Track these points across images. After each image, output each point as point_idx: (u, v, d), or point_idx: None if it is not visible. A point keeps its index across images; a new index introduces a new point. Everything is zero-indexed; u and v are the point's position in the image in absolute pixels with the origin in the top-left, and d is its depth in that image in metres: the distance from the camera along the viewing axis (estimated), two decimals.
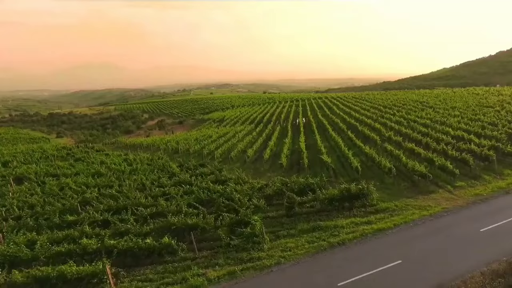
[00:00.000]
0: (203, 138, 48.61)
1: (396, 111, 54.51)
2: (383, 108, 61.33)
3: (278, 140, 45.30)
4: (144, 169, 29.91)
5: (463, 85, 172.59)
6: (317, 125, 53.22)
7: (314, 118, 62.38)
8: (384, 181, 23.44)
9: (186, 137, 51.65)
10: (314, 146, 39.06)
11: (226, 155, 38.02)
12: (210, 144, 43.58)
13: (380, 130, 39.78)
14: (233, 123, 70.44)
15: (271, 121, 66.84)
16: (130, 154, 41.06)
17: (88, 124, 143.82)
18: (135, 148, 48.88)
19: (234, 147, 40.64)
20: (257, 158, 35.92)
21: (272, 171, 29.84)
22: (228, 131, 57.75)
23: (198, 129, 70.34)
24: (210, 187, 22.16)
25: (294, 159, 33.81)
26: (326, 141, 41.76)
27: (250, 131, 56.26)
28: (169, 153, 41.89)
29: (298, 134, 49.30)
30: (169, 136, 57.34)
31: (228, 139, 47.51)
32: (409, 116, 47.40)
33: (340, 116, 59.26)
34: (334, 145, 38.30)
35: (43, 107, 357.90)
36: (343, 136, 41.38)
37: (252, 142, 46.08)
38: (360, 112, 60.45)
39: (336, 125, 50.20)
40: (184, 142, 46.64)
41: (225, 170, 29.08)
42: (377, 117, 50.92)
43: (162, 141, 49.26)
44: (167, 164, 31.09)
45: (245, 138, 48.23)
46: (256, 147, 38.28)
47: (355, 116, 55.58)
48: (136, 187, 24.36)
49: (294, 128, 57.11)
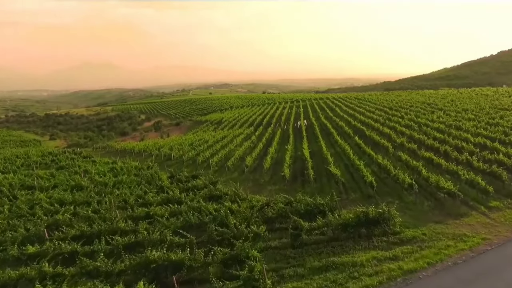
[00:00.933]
0: (198, 143, 45.41)
1: (404, 113, 51.35)
2: (389, 110, 58.19)
3: (279, 146, 42.13)
4: (130, 181, 26.68)
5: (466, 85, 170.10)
6: (320, 129, 50.06)
7: (316, 121, 59.23)
8: (403, 198, 20.25)
9: (181, 142, 48.43)
10: (319, 153, 35.91)
11: (223, 163, 34.82)
12: (205, 150, 40.40)
13: (390, 136, 36.60)
14: (231, 126, 67.24)
15: (271, 123, 63.70)
16: (118, 161, 37.85)
17: (84, 125, 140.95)
18: (126, 154, 45.70)
19: (232, 154, 37.45)
20: (256, 166, 32.73)
21: (273, 183, 26.65)
22: (225, 134, 54.56)
23: (194, 132, 67.15)
24: (202, 207, 18.95)
25: (298, 168, 30.62)
26: (332, 147, 38.60)
27: (249, 135, 53.08)
28: (161, 161, 38.68)
29: (301, 138, 46.14)
30: (163, 140, 54.14)
31: (225, 144, 44.32)
32: (419, 119, 44.24)
33: (344, 118, 56.10)
34: (341, 152, 35.13)
35: (41, 108, 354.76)
36: (349, 142, 38.21)
37: (251, 147, 42.90)
38: (365, 114, 57.29)
39: (341, 129, 47.02)
40: (178, 148, 43.44)
41: (220, 182, 25.89)
42: (384, 120, 47.77)
43: (155, 147, 46.05)
44: (156, 175, 27.87)
45: (243, 143, 45.03)
46: (255, 154, 35.10)
47: (360, 119, 52.42)
48: (117, 204, 21.13)
49: (296, 132, 53.96)
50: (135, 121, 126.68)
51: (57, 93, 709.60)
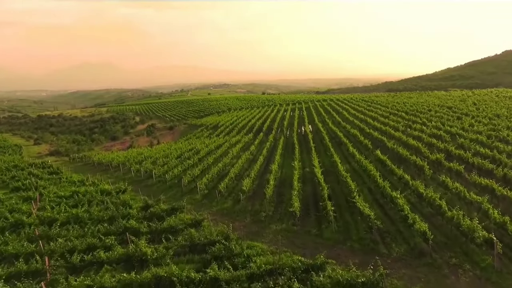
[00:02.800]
0: (188, 155, 38.75)
1: (426, 119, 44.70)
2: (405, 115, 51.57)
3: (283, 159, 35.52)
4: (88, 216, 20.05)
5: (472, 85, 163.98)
6: (329, 137, 43.46)
7: (323, 127, 52.60)
8: (476, 261, 13.64)
9: (169, 152, 41.76)
10: (333, 170, 29.33)
11: (214, 184, 28.22)
12: (195, 165, 33.83)
13: (419, 149, 29.94)
14: (228, 131, 60.61)
15: (272, 129, 57.10)
16: (89, 179, 31.23)
17: (77, 128, 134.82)
18: (103, 167, 39.08)
19: (226, 172, 30.92)
20: (256, 190, 26.09)
21: (278, 220, 19.98)
22: (221, 142, 47.94)
23: (187, 139, 60.49)
24: (173, 276, 12.36)
25: (309, 194, 24.00)
26: (346, 162, 31.99)
27: (248, 144, 46.48)
28: (140, 179, 32.02)
29: (308, 149, 39.52)
30: (149, 150, 47.44)
31: (219, 157, 37.71)
32: (448, 127, 37.62)
33: (356, 124, 49.47)
34: (360, 170, 28.52)
35: (38, 108, 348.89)
36: (369, 156, 31.63)
37: (249, 160, 36.28)
38: (378, 120, 50.67)
39: (355, 138, 40.37)
40: (163, 161, 36.82)
41: (208, 217, 19.28)
42: (404, 128, 41.18)
43: (137, 159, 39.39)
44: (124, 208, 21.18)
45: (240, 154, 38.45)
46: (254, 172, 28.47)
47: (375, 125, 45.79)
48: (53, 265, 14.50)
49: (301, 139, 47.34)
50: (128, 124, 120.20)
51: (55, 93, 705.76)
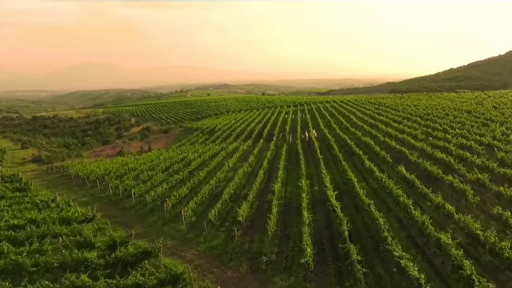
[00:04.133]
0: (178, 167, 33.74)
1: (447, 125, 39.69)
2: (420, 119, 46.60)
3: (286, 173, 30.60)
4: (27, 266, 15.04)
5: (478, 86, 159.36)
6: (338, 145, 38.50)
7: (330, 133, 47.61)
8: None
9: (156, 164, 36.71)
10: (348, 189, 24.40)
11: (205, 207, 23.30)
12: (183, 181, 28.89)
13: (450, 165, 24.97)
14: (226, 137, 55.63)
15: (273, 134, 52.15)
16: (56, 200, 26.24)
17: (71, 129, 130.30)
18: (80, 181, 34.00)
19: (219, 191, 26.00)
20: (254, 218, 21.14)
21: (285, 271, 14.95)
22: (216, 151, 42.99)
23: (181, 145, 55.49)
24: None
25: (322, 227, 19.01)
26: (363, 179, 27.03)
27: (246, 153, 41.55)
28: (119, 198, 27.02)
29: (314, 160, 34.58)
30: (136, 160, 42.35)
31: (213, 170, 32.75)
32: (476, 136, 32.63)
33: (366, 130, 44.49)
34: (381, 190, 23.57)
35: (36, 108, 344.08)
36: (388, 171, 26.71)
37: (248, 174, 31.32)
38: (391, 125, 45.70)
39: (368, 147, 35.35)
40: (148, 174, 31.84)
41: (189, 271, 14.25)
42: (423, 136, 36.23)
43: (118, 172, 34.34)
44: (82, 250, 16.18)
45: (238, 167, 33.53)
46: (253, 193, 23.52)
47: (389, 132, 40.76)
48: None
49: (306, 147, 42.42)
50: (123, 126, 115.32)
51: (55, 93, 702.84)
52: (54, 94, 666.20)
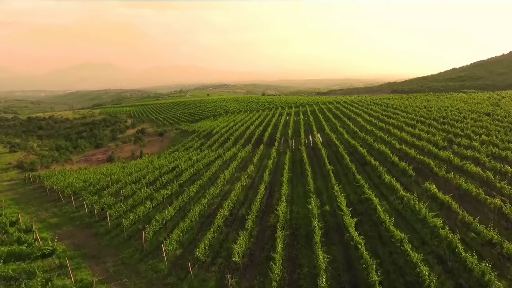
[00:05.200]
0: (167, 179, 29.56)
1: (470, 131, 35.48)
2: (436, 123, 42.49)
3: (291, 187, 26.48)
4: None
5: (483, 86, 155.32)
6: (348, 152, 34.33)
7: (337, 137, 43.40)
8: None
9: (142, 175, 32.45)
10: (367, 210, 20.27)
11: (194, 235, 19.14)
12: (170, 197, 24.72)
13: (490, 182, 20.82)
14: (223, 141, 51.45)
15: (274, 138, 48.00)
16: (21, 220, 22.07)
17: (66, 131, 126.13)
18: (55, 196, 29.59)
19: (212, 211, 21.86)
20: (254, 252, 17.00)
21: None
22: (212, 158, 38.84)
23: (174, 150, 51.31)
24: None
25: (341, 268, 14.82)
26: (382, 195, 22.86)
27: (246, 160, 37.40)
28: (94, 221, 22.82)
29: (322, 171, 30.42)
30: (121, 170, 38.05)
31: (206, 182, 28.60)
32: (510, 144, 28.49)
33: (377, 135, 40.31)
34: (408, 214, 19.42)
35: (35, 109, 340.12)
36: (410, 186, 22.56)
37: (246, 188, 27.16)
38: (404, 129, 41.56)
39: (383, 156, 31.10)
40: (131, 189, 27.65)
41: None
42: (444, 143, 32.08)
43: (100, 184, 30.12)
44: None
45: (235, 178, 29.40)
46: (252, 216, 19.41)
47: (403, 137, 36.55)
48: None
49: (311, 154, 38.26)
50: (118, 128, 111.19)
51: (54, 93, 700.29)
52: (54, 94, 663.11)
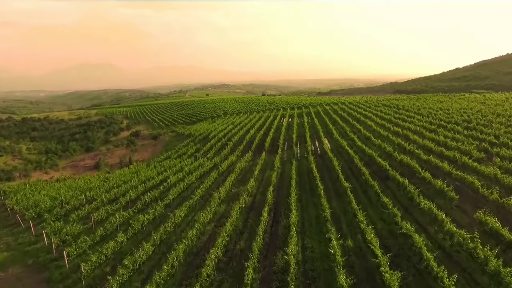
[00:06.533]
0: (150, 198, 24.65)
1: (508, 138, 30.55)
2: (460, 128, 37.64)
3: (300, 210, 21.60)
4: None
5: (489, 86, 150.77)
6: (364, 163, 29.38)
7: (349, 144, 38.45)
8: None
9: (123, 191, 27.47)
10: (402, 244, 15.40)
11: (176, 283, 14.24)
12: (152, 224, 19.82)
13: None
14: (220, 147, 46.54)
15: (277, 144, 43.13)
16: None
17: (60, 132, 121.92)
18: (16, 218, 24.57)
19: (200, 251, 17.01)
20: None
21: None
22: (206, 169, 33.94)
23: (166, 157, 46.37)
24: None
25: None
26: (415, 222, 17.96)
27: (245, 171, 32.50)
28: (49, 259, 17.84)
29: (335, 185, 25.52)
30: (101, 182, 33.08)
31: (197, 202, 23.71)
32: None
33: (395, 142, 35.40)
34: (454, 251, 14.57)
35: (34, 109, 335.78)
36: (450, 210, 17.69)
37: (246, 212, 22.28)
38: (424, 135, 36.70)
39: (408, 170, 26.13)
40: (105, 211, 22.72)
41: None
42: (483, 154, 27.19)
43: (72, 203, 25.17)
44: None
45: (232, 195, 24.53)
46: (253, 259, 14.55)
47: (426, 145, 31.62)
48: None
49: (320, 165, 33.29)
50: (112, 130, 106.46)
51: (54, 93, 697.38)
52: (53, 94, 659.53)
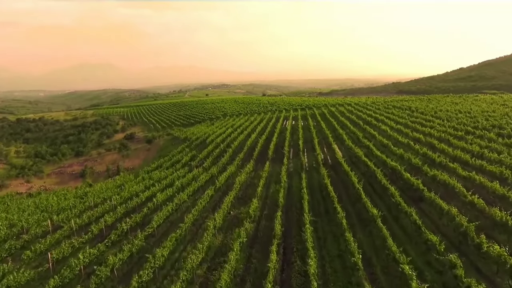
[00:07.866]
0: (129, 225, 19.80)
1: None
2: (494, 136, 32.82)
3: (318, 244, 16.76)
4: None
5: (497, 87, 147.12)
6: (389, 179, 24.49)
7: (365, 154, 33.52)
8: None
9: (97, 215, 22.68)
10: None
11: None
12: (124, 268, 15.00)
13: None
14: (218, 154, 41.69)
15: (282, 152, 38.28)
16: None
17: (54, 134, 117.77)
18: None
19: None
20: None
21: None
22: (201, 183, 29.09)
23: (157, 166, 41.52)
24: None
25: None
26: (474, 269, 13.13)
27: (245, 188, 27.61)
28: None
29: (355, 208, 20.60)
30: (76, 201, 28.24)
31: (184, 236, 18.84)
32: None
33: (420, 152, 30.55)
34: None
35: (33, 109, 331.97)
36: None
37: (247, 244, 17.43)
38: (452, 144, 31.87)
39: (444, 188, 21.28)
40: (70, 245, 17.86)
41: None
42: None
43: (26, 237, 20.28)
44: None
45: (229, 227, 19.66)
46: None
47: (459, 157, 26.80)
48: None
49: (334, 178, 28.39)
50: (107, 132, 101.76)
51: (53, 93, 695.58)
52: (53, 94, 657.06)
